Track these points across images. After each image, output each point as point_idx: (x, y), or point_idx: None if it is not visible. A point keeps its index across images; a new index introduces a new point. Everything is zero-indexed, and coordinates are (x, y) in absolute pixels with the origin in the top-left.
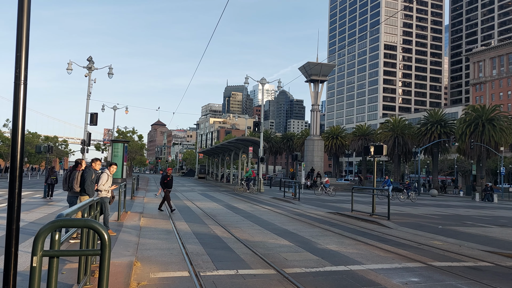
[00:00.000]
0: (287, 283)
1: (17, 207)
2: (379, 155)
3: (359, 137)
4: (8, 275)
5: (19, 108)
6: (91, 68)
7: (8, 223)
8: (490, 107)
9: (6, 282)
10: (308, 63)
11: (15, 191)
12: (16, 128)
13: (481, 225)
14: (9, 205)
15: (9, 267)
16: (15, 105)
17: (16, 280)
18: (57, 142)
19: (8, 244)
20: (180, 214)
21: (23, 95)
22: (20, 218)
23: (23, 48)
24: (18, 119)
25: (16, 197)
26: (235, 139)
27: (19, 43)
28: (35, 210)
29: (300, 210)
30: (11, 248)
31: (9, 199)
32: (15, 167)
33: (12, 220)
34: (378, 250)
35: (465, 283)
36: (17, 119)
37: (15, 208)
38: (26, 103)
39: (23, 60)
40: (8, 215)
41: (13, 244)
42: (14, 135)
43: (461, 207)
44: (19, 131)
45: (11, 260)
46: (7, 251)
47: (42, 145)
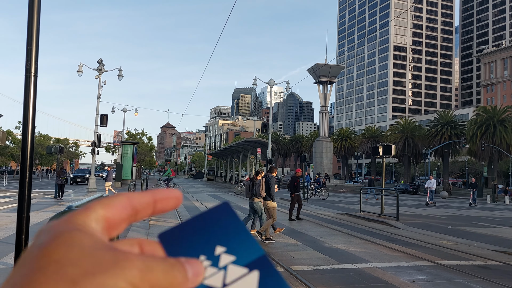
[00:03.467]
0: (294, 280)
1: (28, 195)
2: (387, 156)
3: (368, 139)
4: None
5: (30, 100)
6: (101, 70)
7: (19, 208)
8: (501, 108)
9: None
10: (317, 64)
11: (26, 173)
12: (27, 117)
13: (491, 226)
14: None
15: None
16: (26, 97)
17: None
18: (68, 144)
19: (19, 232)
20: (189, 213)
21: (34, 88)
22: (30, 217)
23: (34, 41)
24: (28, 110)
25: (27, 181)
26: (243, 141)
27: (30, 36)
28: (45, 210)
29: (308, 210)
30: (21, 235)
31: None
32: (25, 157)
33: (23, 208)
34: (386, 249)
35: (473, 281)
36: (28, 110)
37: (25, 196)
38: (36, 95)
39: (34, 53)
40: (19, 203)
41: (24, 232)
42: (25, 126)
43: (471, 209)
44: (29, 121)
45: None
46: (18, 240)
47: (53, 146)
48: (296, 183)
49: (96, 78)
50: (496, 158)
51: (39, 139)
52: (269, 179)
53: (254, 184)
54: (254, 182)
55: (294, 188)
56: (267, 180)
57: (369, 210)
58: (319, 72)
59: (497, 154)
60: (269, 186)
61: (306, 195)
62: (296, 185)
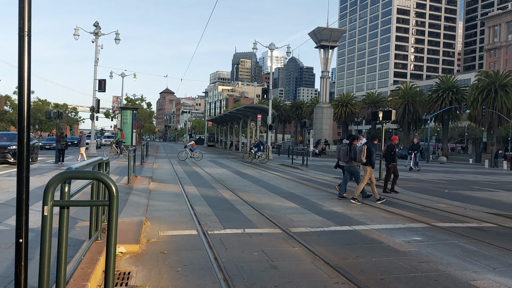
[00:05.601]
0: (292, 241)
1: (26, 155)
2: (387, 121)
3: (369, 105)
4: (20, 224)
5: (24, 61)
6: (98, 34)
7: (18, 172)
8: (504, 73)
9: (19, 234)
10: (318, 28)
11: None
12: (22, 80)
13: (488, 190)
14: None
15: (21, 216)
16: (20, 57)
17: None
18: (67, 109)
19: (19, 191)
20: (189, 179)
21: (28, 47)
22: (31, 181)
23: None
24: (23, 71)
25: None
26: (243, 107)
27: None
28: (46, 174)
29: (308, 175)
30: (21, 195)
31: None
32: (22, 117)
33: (22, 169)
34: (383, 212)
35: (467, 242)
36: (23, 71)
37: (24, 157)
38: (30, 55)
39: (26, 11)
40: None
41: (24, 191)
42: (20, 87)
43: (469, 173)
44: (25, 83)
45: (23, 209)
46: (19, 199)
47: (52, 111)
48: (393, 153)
49: (93, 42)
50: (496, 123)
51: (38, 105)
52: (371, 147)
53: (351, 149)
54: (351, 148)
55: (391, 157)
56: (369, 148)
57: None
58: (320, 36)
59: (497, 119)
60: (371, 154)
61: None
62: (393, 154)
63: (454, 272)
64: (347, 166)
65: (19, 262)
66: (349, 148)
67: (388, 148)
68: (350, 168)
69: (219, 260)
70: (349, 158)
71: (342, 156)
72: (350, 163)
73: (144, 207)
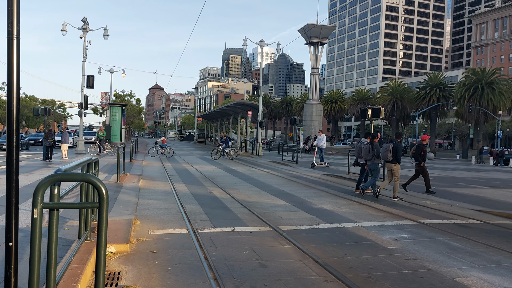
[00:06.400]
0: (281, 239)
1: (16, 159)
2: (376, 118)
3: (358, 102)
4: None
5: (13, 64)
6: (86, 30)
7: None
8: (490, 70)
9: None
10: (308, 24)
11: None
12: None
13: (474, 186)
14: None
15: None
16: (9, 60)
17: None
18: (55, 105)
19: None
20: (179, 176)
21: (17, 50)
22: (20, 179)
23: (15, 1)
24: (12, 74)
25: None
26: (233, 103)
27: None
28: (34, 172)
29: (297, 172)
30: (11, 199)
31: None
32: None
33: (12, 172)
34: (371, 210)
35: (453, 239)
36: (12, 74)
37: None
38: (20, 57)
39: (15, 14)
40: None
41: (13, 195)
42: (9, 91)
43: (456, 170)
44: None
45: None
46: (8, 202)
47: (40, 108)
48: (423, 152)
49: (81, 38)
50: (483, 120)
51: (25, 101)
52: (397, 145)
53: (373, 147)
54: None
55: (421, 157)
56: (395, 146)
57: (357, 172)
58: (310, 32)
59: (484, 116)
60: (397, 151)
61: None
62: (423, 154)
63: (439, 269)
64: (371, 163)
65: (9, 265)
66: (371, 146)
67: (418, 147)
68: (372, 165)
69: (209, 259)
70: (372, 156)
71: (365, 154)
72: (373, 161)
73: (133, 205)
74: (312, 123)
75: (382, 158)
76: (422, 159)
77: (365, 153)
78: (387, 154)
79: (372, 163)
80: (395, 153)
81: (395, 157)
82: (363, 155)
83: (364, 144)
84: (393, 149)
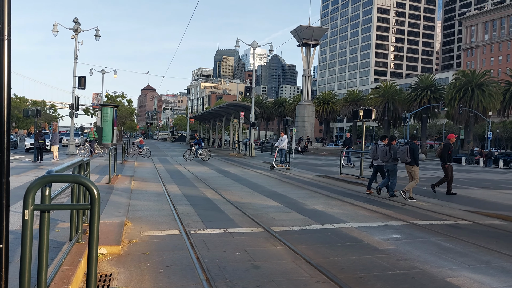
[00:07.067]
0: (274, 240)
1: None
2: (368, 119)
3: (350, 103)
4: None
5: (4, 65)
6: (77, 30)
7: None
8: (480, 72)
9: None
10: (300, 26)
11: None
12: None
13: (464, 187)
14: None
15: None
16: (0, 61)
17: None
18: (45, 106)
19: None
20: (171, 177)
21: (8, 51)
22: (10, 181)
23: (5, 1)
24: (3, 75)
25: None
26: (226, 104)
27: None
28: (25, 174)
29: (290, 173)
30: (2, 201)
31: None
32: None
33: (3, 174)
34: (363, 210)
35: (443, 239)
36: (3, 75)
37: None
38: (11, 59)
39: (6, 15)
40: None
41: (4, 197)
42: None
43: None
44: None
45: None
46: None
47: (30, 109)
48: (450, 152)
49: (72, 38)
50: (473, 121)
51: (15, 102)
52: (414, 147)
53: (390, 149)
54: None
55: (448, 157)
56: (412, 148)
57: (349, 173)
58: (303, 34)
59: (474, 117)
60: (414, 153)
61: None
62: (450, 154)
63: (430, 269)
64: (388, 165)
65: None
66: (388, 148)
67: (445, 147)
68: (389, 166)
69: (202, 260)
70: (389, 158)
71: (382, 155)
72: (391, 162)
73: (125, 207)
74: (305, 124)
75: (401, 160)
76: (448, 159)
77: (382, 155)
78: (405, 156)
79: (390, 164)
80: (413, 155)
81: (413, 158)
82: (380, 157)
83: (381, 146)
84: (410, 151)
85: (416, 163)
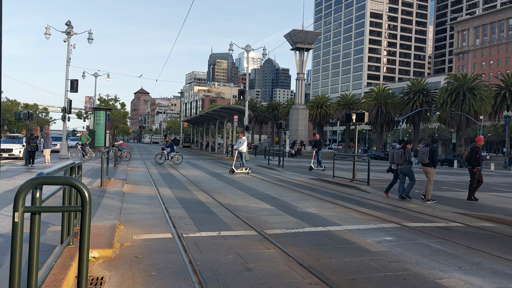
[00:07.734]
0: (267, 243)
1: None
2: (361, 123)
3: (343, 106)
4: None
5: None
6: (70, 33)
7: None
8: (471, 77)
9: None
10: (294, 30)
11: None
12: None
13: (456, 190)
14: None
15: None
16: None
17: None
18: (37, 110)
19: None
20: (164, 181)
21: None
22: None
23: None
24: None
25: None
26: (219, 108)
27: None
28: (16, 177)
29: (283, 176)
30: None
31: None
32: None
33: None
34: (356, 213)
35: (435, 242)
36: None
37: None
38: (1, 62)
39: None
40: None
41: None
42: None
43: (439, 174)
44: None
45: None
46: None
47: (22, 112)
48: (478, 155)
49: (64, 41)
50: (464, 125)
51: (7, 105)
52: (434, 149)
53: (405, 152)
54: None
55: (476, 161)
56: (431, 150)
57: (342, 176)
58: (296, 38)
59: (465, 121)
60: (433, 155)
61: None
62: (478, 157)
63: (422, 271)
64: (402, 168)
65: None
66: (403, 151)
67: (473, 151)
68: (404, 169)
69: (194, 263)
70: (404, 160)
71: (397, 158)
72: (405, 165)
73: (117, 210)
74: (298, 127)
75: (419, 161)
76: (476, 163)
77: (397, 158)
78: (424, 157)
79: (405, 167)
80: (432, 157)
81: (431, 160)
82: (395, 160)
83: (396, 149)
84: (429, 153)
85: (434, 165)
